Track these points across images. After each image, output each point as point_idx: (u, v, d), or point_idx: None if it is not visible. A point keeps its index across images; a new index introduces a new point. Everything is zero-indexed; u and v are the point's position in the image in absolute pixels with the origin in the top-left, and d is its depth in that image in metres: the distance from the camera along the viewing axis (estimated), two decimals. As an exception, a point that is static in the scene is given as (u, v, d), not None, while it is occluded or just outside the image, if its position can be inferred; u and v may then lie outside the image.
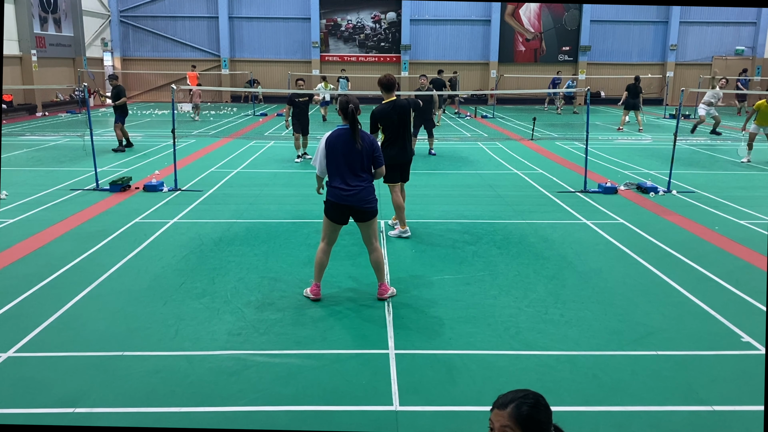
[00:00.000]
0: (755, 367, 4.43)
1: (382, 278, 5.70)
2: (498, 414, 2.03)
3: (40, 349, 4.60)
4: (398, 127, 7.31)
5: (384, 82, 7.21)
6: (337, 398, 3.97)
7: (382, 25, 31.95)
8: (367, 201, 5.46)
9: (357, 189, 5.40)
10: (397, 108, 7.27)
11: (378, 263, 5.65)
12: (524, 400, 2.03)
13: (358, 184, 5.41)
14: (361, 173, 5.43)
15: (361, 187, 5.41)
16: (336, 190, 5.42)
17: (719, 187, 10.75)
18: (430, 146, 14.62)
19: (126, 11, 31.37)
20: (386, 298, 5.63)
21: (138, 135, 17.90)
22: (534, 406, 2.03)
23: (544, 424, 2.03)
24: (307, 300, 5.60)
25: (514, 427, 1.99)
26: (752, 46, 32.06)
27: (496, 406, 2.06)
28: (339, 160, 5.38)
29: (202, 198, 9.68)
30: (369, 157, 5.44)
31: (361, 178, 5.43)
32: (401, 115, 7.32)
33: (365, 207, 5.46)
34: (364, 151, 5.39)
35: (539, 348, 4.68)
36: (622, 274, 6.35)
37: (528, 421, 1.99)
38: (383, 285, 5.69)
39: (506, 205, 9.44)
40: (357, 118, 5.36)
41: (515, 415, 1.99)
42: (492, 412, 2.06)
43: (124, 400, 3.92)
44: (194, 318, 5.17)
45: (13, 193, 9.78)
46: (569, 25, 31.95)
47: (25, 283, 5.91)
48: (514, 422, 1.99)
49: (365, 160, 5.42)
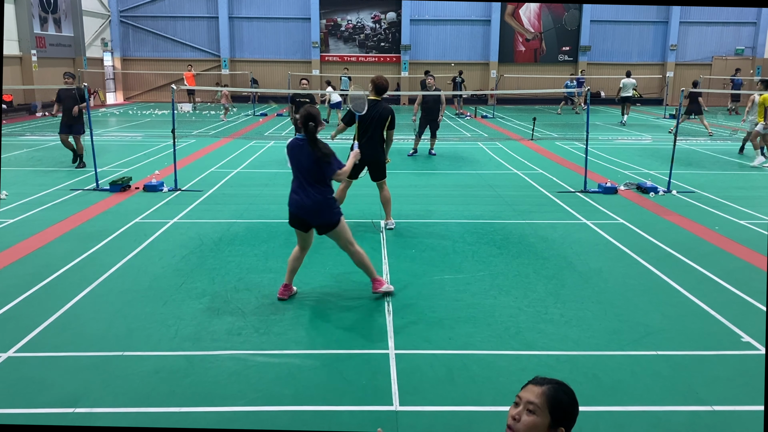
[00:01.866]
0: (755, 367, 4.43)
1: (372, 274, 5.66)
2: (531, 389, 2.01)
3: (40, 349, 4.60)
4: (369, 125, 7.44)
5: (376, 84, 7.50)
6: (337, 398, 3.97)
7: (382, 25, 31.95)
8: (318, 214, 5.33)
9: (307, 201, 5.29)
10: (378, 109, 7.45)
11: (361, 263, 5.60)
12: (562, 387, 2.05)
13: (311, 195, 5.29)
14: (316, 185, 5.29)
15: (311, 199, 5.28)
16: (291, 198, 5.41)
17: (719, 187, 10.75)
18: (431, 146, 14.64)
19: (126, 11, 31.38)
20: (381, 292, 5.62)
21: (138, 135, 17.90)
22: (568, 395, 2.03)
23: (571, 417, 2.01)
24: (307, 300, 5.60)
25: (542, 407, 1.96)
26: (752, 46, 32.07)
27: (532, 382, 2.06)
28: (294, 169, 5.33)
29: (202, 198, 9.68)
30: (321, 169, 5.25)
31: (315, 190, 5.29)
32: (378, 117, 7.45)
33: (316, 221, 5.37)
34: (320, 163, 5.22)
35: (539, 348, 4.68)
36: (622, 274, 6.35)
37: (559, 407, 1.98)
38: (376, 281, 5.66)
39: (506, 205, 9.44)
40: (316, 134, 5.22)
41: (548, 395, 1.98)
42: (524, 387, 2.05)
43: (124, 400, 3.92)
44: (194, 318, 5.17)
45: (13, 193, 9.78)
46: (569, 25, 31.96)
47: (25, 283, 5.91)
48: (545, 401, 1.97)
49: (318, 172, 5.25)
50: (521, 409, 1.99)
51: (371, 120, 7.44)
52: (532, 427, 1.95)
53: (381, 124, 7.52)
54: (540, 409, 1.96)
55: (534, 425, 1.95)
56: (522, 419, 1.97)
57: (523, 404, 2.00)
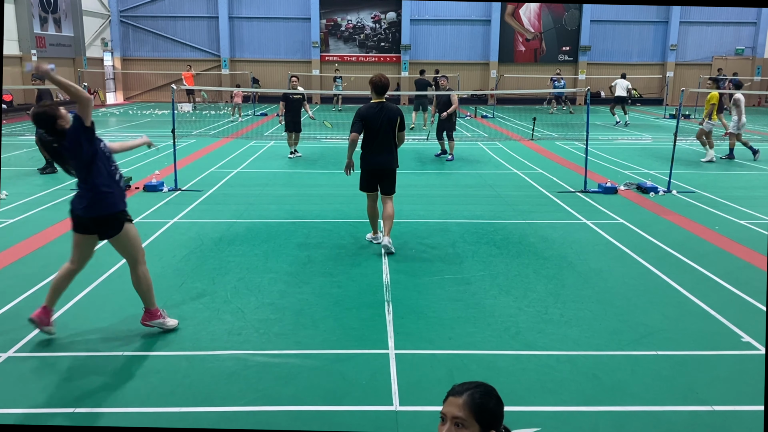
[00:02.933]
0: (755, 367, 4.43)
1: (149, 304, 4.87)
2: (453, 402, 1.98)
3: (40, 349, 4.60)
4: (380, 130, 6.83)
5: (376, 83, 6.83)
6: (337, 398, 3.97)
7: (382, 25, 31.95)
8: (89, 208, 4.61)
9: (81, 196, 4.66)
10: (385, 110, 6.84)
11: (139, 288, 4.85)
12: (481, 389, 2.02)
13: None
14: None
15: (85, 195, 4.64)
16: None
17: (719, 187, 10.75)
18: (450, 150, 13.74)
19: (126, 11, 31.38)
20: (149, 326, 4.84)
21: (138, 135, 17.87)
22: (490, 396, 2.00)
23: (497, 415, 2.00)
24: (308, 300, 5.59)
25: (468, 418, 1.94)
26: (752, 46, 32.06)
27: (451, 393, 2.02)
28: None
29: (202, 198, 9.68)
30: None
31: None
32: (388, 120, 6.83)
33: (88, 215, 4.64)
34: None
35: (539, 348, 4.68)
36: (622, 274, 6.35)
37: (483, 411, 1.96)
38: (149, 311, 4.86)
39: (506, 205, 9.44)
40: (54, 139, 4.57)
41: (471, 404, 1.95)
42: (445, 401, 2.02)
43: (124, 400, 3.92)
44: (194, 318, 5.17)
45: (13, 193, 9.78)
46: (569, 25, 31.96)
47: (25, 283, 5.91)
48: (469, 411, 1.94)
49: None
50: (449, 425, 1.97)
51: (380, 124, 6.81)
52: None
53: (391, 126, 6.86)
54: (467, 421, 1.94)
55: None
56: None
57: (449, 420, 1.97)
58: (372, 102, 6.93)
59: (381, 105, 6.88)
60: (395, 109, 6.92)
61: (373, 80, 6.87)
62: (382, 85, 6.85)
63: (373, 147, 6.91)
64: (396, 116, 6.87)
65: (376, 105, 6.87)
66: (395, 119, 6.87)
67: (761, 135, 19.29)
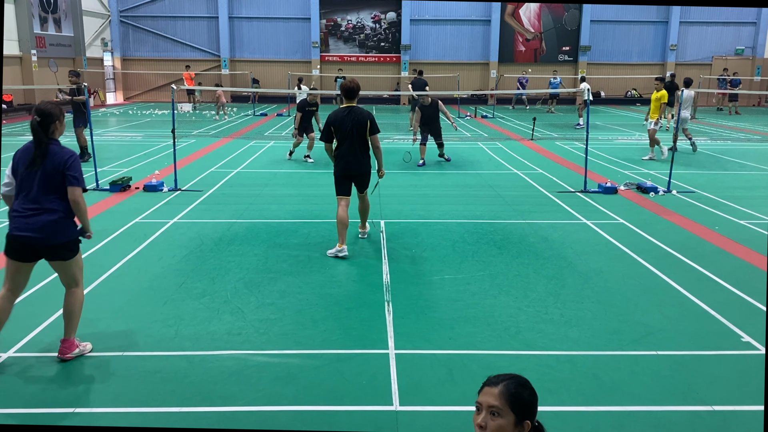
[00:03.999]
0: (755, 367, 4.43)
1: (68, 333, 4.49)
2: (489, 392, 2.02)
3: (40, 349, 4.60)
4: (348, 134, 6.78)
5: (343, 87, 6.83)
6: (337, 398, 3.97)
7: (382, 25, 31.95)
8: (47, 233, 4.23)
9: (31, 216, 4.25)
10: (353, 115, 6.80)
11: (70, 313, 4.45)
12: (517, 380, 2.06)
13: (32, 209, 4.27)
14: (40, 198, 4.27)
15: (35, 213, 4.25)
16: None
17: (719, 187, 10.75)
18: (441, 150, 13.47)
19: (126, 11, 31.38)
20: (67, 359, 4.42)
21: (138, 135, 17.90)
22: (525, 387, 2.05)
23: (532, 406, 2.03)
24: (308, 300, 5.59)
25: (504, 407, 1.97)
26: (752, 46, 32.07)
27: (487, 384, 2.06)
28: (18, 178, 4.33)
29: (202, 198, 9.68)
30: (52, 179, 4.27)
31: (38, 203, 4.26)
32: (356, 124, 6.78)
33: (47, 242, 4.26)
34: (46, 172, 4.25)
35: (539, 348, 4.68)
36: (622, 274, 6.35)
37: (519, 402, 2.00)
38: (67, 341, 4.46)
39: (506, 205, 9.44)
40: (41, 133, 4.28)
41: (507, 394, 1.99)
42: (480, 391, 2.06)
43: (124, 400, 3.92)
44: (194, 318, 5.17)
45: (13, 193, 9.77)
46: (569, 25, 31.96)
47: (25, 283, 5.90)
48: (505, 401, 1.98)
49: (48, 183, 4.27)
50: (485, 414, 1.99)
51: (349, 129, 6.78)
52: (500, 429, 1.96)
53: (360, 131, 6.80)
54: (503, 410, 1.97)
55: (501, 427, 1.96)
56: (488, 425, 1.97)
57: (485, 409, 2.00)
58: (342, 106, 6.93)
59: (350, 109, 6.84)
60: (365, 113, 6.87)
61: (342, 84, 6.88)
62: (349, 89, 6.82)
63: (342, 151, 6.88)
64: (365, 120, 6.81)
65: (345, 109, 6.86)
66: (365, 123, 6.81)
67: (761, 135, 19.29)
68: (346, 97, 6.88)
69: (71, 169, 4.28)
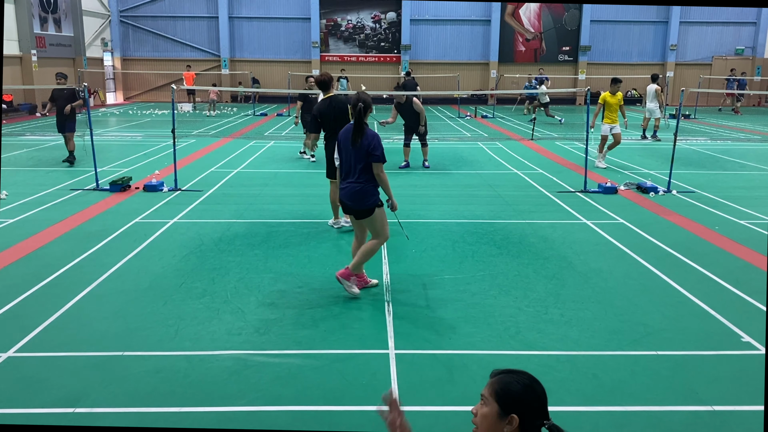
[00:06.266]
0: (755, 367, 4.43)
1: (354, 265, 5.66)
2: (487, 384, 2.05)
3: (40, 349, 4.60)
4: (333, 122, 7.39)
5: (318, 81, 7.63)
6: (337, 398, 3.97)
7: (382, 25, 31.95)
8: (356, 200, 5.52)
9: (349, 187, 5.53)
10: (333, 103, 7.45)
11: (364, 249, 5.64)
12: (513, 375, 2.01)
13: (350, 181, 5.54)
14: (355, 172, 5.51)
15: (353, 185, 5.51)
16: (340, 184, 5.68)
17: (719, 187, 10.75)
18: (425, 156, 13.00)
19: (126, 11, 31.38)
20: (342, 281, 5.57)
21: (138, 135, 17.90)
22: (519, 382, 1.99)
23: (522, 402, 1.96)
24: (308, 300, 5.60)
25: (489, 396, 1.99)
26: (752, 46, 32.07)
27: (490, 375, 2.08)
28: (342, 156, 5.61)
29: (202, 198, 9.68)
30: (364, 157, 5.47)
31: (354, 177, 5.52)
32: (336, 111, 7.41)
33: (355, 206, 5.57)
34: (361, 151, 5.45)
35: (539, 348, 4.68)
36: (622, 274, 6.35)
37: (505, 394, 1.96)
38: (347, 269, 5.65)
39: (506, 205, 9.44)
40: (362, 116, 5.40)
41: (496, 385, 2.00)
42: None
43: (124, 400, 3.92)
44: (194, 318, 5.17)
45: (13, 193, 9.78)
46: (569, 25, 31.96)
47: (25, 283, 5.91)
48: (491, 390, 1.99)
49: (360, 160, 5.48)
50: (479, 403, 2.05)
51: (333, 118, 7.40)
52: (483, 417, 2.00)
53: (343, 118, 7.21)
54: (487, 399, 2.00)
55: (484, 415, 2.00)
56: (477, 412, 2.03)
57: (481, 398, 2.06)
58: (323, 98, 7.60)
59: (330, 99, 7.52)
60: (343, 100, 7.51)
61: (315, 79, 7.64)
62: (321, 81, 7.60)
63: (331, 138, 7.48)
64: (345, 106, 7.31)
65: (326, 100, 7.53)
66: (345, 109, 7.29)
67: (761, 135, 19.29)
68: (322, 89, 7.62)
69: (375, 149, 5.41)
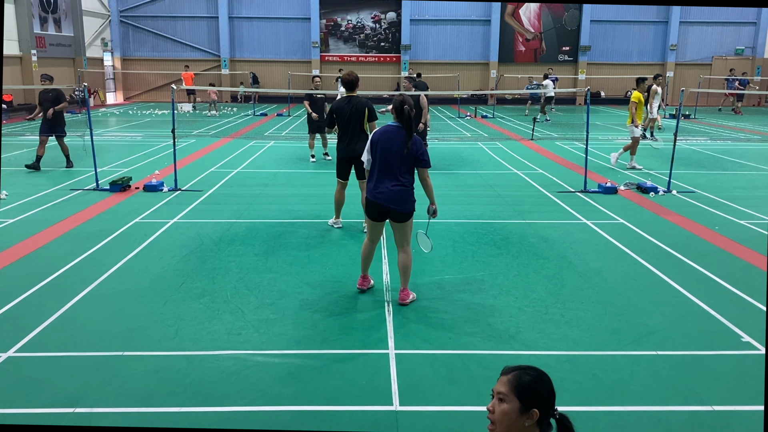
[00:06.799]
0: (755, 367, 4.43)
1: (405, 282, 5.55)
2: (500, 380, 2.09)
3: (40, 349, 4.60)
4: (348, 121, 7.47)
5: (344, 79, 7.62)
6: (337, 398, 3.97)
7: (382, 25, 31.95)
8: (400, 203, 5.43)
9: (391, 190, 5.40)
10: (353, 103, 7.51)
11: (404, 266, 5.53)
12: (528, 370, 2.09)
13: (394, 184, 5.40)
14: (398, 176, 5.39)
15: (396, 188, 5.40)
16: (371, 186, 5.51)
17: (719, 187, 10.75)
18: None
19: (126, 11, 31.39)
20: (407, 303, 5.48)
21: (138, 135, 17.90)
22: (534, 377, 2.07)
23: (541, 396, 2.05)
24: (307, 300, 5.60)
25: (509, 393, 2.03)
26: (752, 46, 32.07)
27: (502, 372, 2.12)
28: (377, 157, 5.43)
29: (202, 198, 9.68)
30: (410, 160, 5.38)
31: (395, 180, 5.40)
32: (354, 111, 7.46)
33: (399, 209, 5.45)
34: (409, 156, 5.35)
35: (539, 348, 4.68)
36: (622, 274, 6.35)
37: (524, 389, 2.03)
38: (405, 290, 5.55)
39: (506, 205, 9.44)
40: (411, 121, 5.32)
41: (513, 380, 2.05)
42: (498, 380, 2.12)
43: (124, 400, 3.92)
44: (194, 318, 5.17)
45: (13, 193, 9.78)
46: (569, 25, 31.96)
47: (25, 283, 5.91)
48: (511, 388, 2.04)
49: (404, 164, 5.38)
50: (494, 400, 2.08)
51: (349, 116, 7.46)
52: (504, 414, 2.03)
53: (359, 118, 7.48)
54: (507, 396, 2.03)
55: (505, 412, 2.03)
56: (495, 410, 2.06)
57: (495, 395, 2.09)
58: (343, 96, 7.66)
59: (350, 98, 7.58)
60: (363, 102, 7.57)
61: (343, 77, 7.62)
62: (348, 81, 7.57)
63: (344, 136, 7.60)
64: (363, 107, 7.52)
65: (345, 98, 7.59)
66: (363, 110, 7.52)
67: (761, 135, 19.29)
68: (347, 89, 7.58)
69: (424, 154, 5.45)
